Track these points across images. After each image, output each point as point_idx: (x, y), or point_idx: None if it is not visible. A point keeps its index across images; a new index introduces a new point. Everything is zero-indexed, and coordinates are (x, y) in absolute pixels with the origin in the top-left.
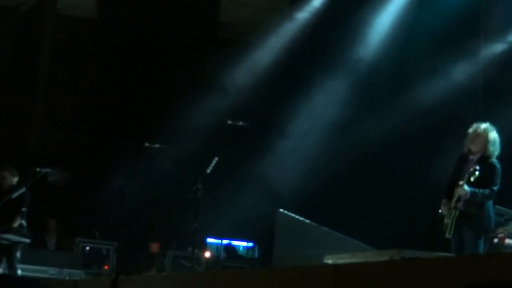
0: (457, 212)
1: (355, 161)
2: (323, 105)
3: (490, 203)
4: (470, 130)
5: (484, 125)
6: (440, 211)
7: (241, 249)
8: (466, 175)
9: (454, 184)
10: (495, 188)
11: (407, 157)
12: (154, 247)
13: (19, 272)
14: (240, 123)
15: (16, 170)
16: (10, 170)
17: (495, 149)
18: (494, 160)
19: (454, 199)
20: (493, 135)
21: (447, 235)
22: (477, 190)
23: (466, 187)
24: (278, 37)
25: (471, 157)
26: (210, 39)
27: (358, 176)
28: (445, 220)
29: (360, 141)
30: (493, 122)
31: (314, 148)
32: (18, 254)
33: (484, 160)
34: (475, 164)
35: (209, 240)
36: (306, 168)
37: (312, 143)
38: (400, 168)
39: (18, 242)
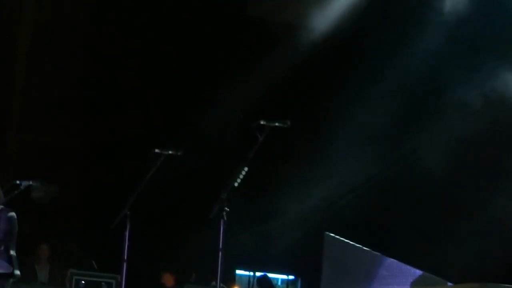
0: None
1: (413, 176)
2: (370, 112)
3: None
4: None
5: None
6: None
7: (279, 283)
8: None
9: None
10: None
11: (479, 174)
12: (167, 280)
13: None
14: (276, 124)
15: None
16: None
17: None
18: None
19: None
20: None
21: None
22: None
23: None
24: (320, 19)
25: None
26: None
27: (418, 195)
28: None
29: (416, 154)
30: None
31: (362, 159)
32: None
33: None
34: None
35: (239, 272)
36: (354, 182)
37: (360, 153)
38: (472, 187)
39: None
